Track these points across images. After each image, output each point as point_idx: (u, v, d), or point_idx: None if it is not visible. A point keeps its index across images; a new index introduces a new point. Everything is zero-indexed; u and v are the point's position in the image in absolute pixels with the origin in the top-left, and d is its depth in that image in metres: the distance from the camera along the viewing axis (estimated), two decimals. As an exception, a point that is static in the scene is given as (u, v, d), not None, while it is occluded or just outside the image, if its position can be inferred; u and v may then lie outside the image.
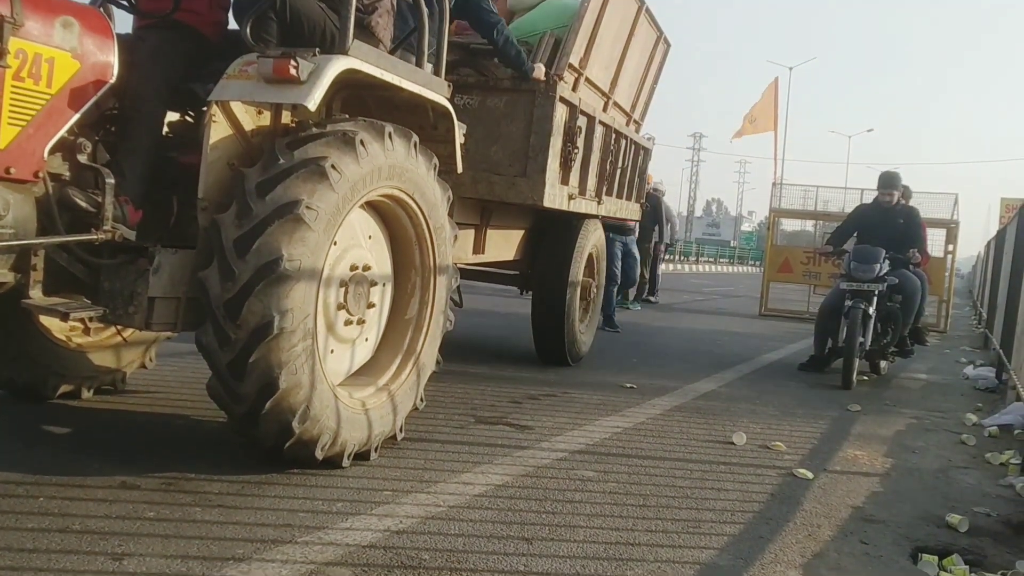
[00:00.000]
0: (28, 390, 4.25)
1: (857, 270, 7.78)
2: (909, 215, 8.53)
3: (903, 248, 8.12)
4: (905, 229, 8.29)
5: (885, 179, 8.57)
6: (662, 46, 8.34)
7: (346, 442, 3.67)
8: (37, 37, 3.28)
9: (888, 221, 8.32)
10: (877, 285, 7.75)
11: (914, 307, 8.37)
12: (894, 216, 8.37)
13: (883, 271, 7.80)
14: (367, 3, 4.16)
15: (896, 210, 8.44)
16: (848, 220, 9.00)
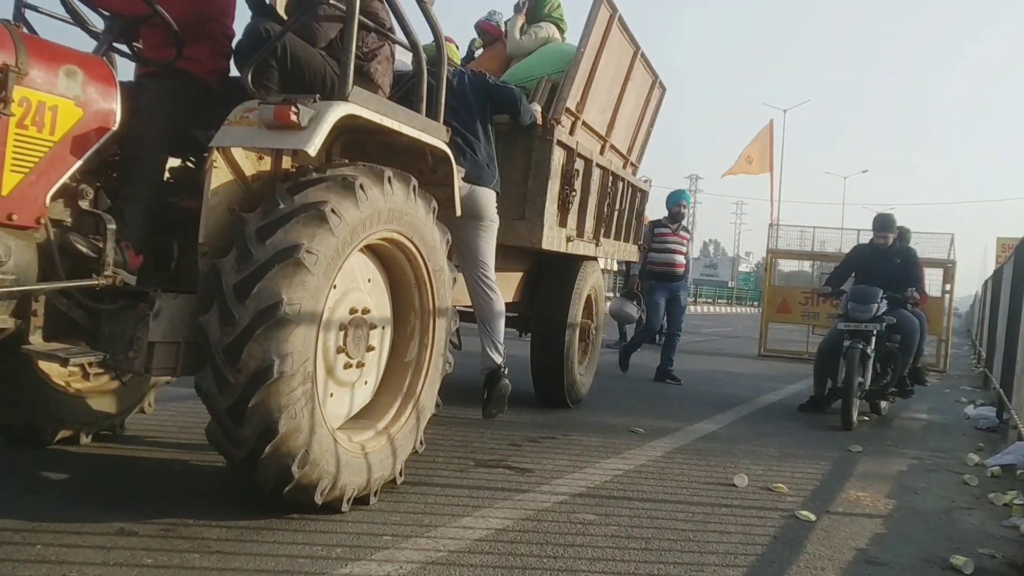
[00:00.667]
0: (26, 436, 4.24)
1: (854, 310, 7.74)
2: (906, 255, 8.55)
3: (901, 288, 8.09)
4: (903, 269, 8.27)
5: (880, 222, 8.57)
6: (657, 90, 8.44)
7: (345, 486, 3.65)
8: (41, 85, 3.33)
9: (885, 261, 8.31)
10: (875, 325, 7.70)
11: (913, 347, 8.32)
12: (891, 256, 8.37)
13: (880, 311, 7.76)
14: (366, 51, 4.22)
15: (893, 250, 8.45)
16: (845, 261, 8.97)
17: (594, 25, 6.14)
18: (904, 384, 8.56)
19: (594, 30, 6.16)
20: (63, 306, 3.51)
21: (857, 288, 8.09)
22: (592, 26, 6.12)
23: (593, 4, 6.15)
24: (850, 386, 7.39)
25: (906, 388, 8.63)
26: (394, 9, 4.18)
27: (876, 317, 7.72)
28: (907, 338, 8.21)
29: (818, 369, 8.30)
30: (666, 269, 10.09)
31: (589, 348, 7.68)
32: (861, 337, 7.64)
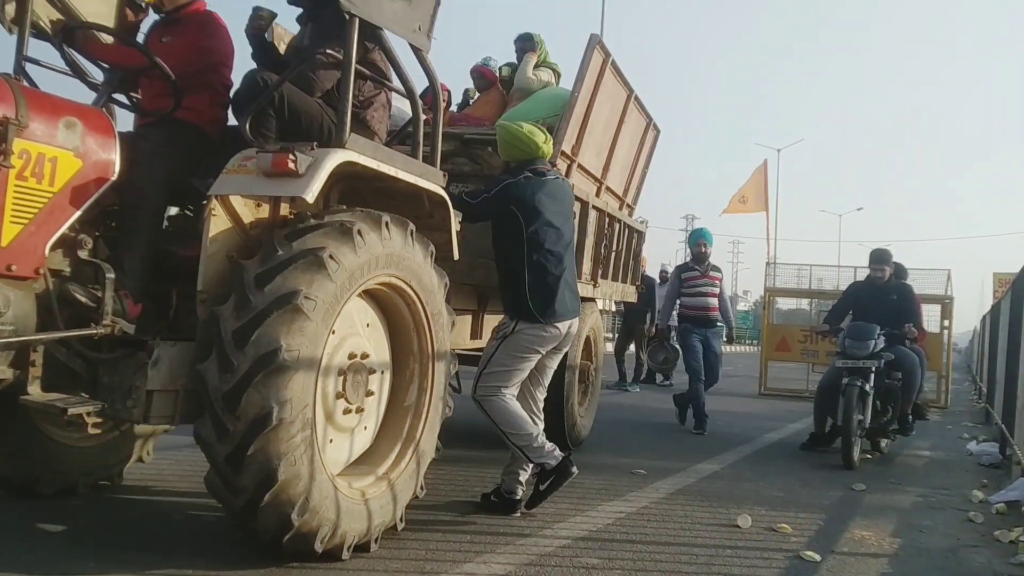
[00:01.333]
0: (24, 487, 4.21)
1: (852, 347, 7.70)
2: (903, 291, 8.49)
3: (899, 324, 8.02)
4: (899, 305, 8.24)
5: (876, 255, 8.56)
6: (652, 132, 8.52)
7: (346, 533, 3.62)
8: (41, 137, 3.37)
9: (882, 298, 8.27)
10: (873, 361, 7.65)
11: (914, 383, 8.23)
12: (888, 292, 8.33)
13: (878, 347, 7.70)
14: (363, 98, 4.27)
15: (890, 286, 8.41)
16: (842, 299, 8.93)
17: (588, 70, 6.21)
18: (905, 421, 8.43)
19: (588, 74, 6.23)
20: (62, 356, 3.51)
21: (854, 325, 8.04)
22: (586, 71, 6.20)
23: (587, 49, 6.23)
24: (849, 424, 7.30)
25: (907, 425, 8.50)
26: (390, 57, 4.24)
27: (874, 354, 7.66)
28: (907, 374, 8.14)
29: (818, 407, 8.21)
30: (699, 313, 9.41)
31: (589, 389, 7.66)
32: (860, 374, 7.56)
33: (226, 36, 4.29)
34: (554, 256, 4.80)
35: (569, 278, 4.93)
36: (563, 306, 4.83)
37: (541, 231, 4.77)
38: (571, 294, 4.93)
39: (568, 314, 4.89)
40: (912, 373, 8.17)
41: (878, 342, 7.70)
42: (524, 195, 4.77)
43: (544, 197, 4.82)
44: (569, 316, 4.90)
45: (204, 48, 4.17)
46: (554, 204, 4.87)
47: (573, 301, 4.95)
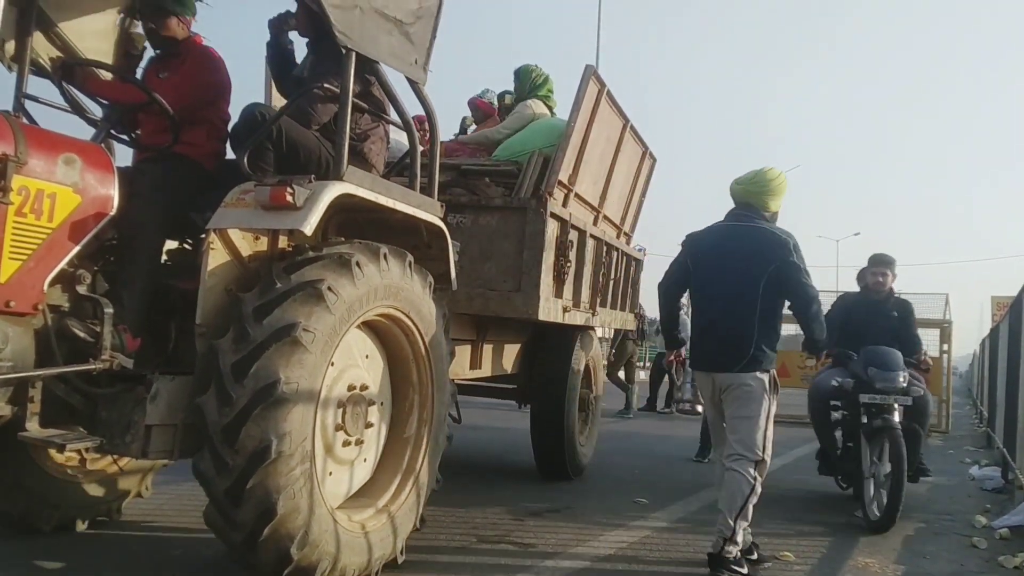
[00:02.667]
0: (23, 522, 4.18)
1: (879, 378, 6.15)
2: (904, 309, 7.02)
3: (900, 349, 6.60)
4: (901, 326, 6.83)
5: (877, 258, 7.05)
6: (648, 160, 8.56)
7: (346, 567, 3.59)
8: (40, 174, 3.38)
9: (881, 315, 6.81)
10: (906, 399, 6.14)
11: (928, 421, 6.78)
12: (888, 309, 6.87)
13: (906, 380, 6.24)
14: (360, 131, 4.29)
15: (890, 303, 6.95)
16: (831, 316, 6.74)
17: (583, 100, 6.25)
18: (920, 466, 6.79)
19: (583, 104, 6.27)
20: (60, 391, 3.50)
21: (875, 350, 6.39)
22: (581, 101, 6.24)
23: (582, 80, 6.28)
24: (901, 473, 5.81)
25: (922, 469, 6.90)
26: (387, 91, 4.27)
27: (905, 388, 6.19)
28: (921, 412, 6.51)
29: (819, 424, 6.92)
30: None
31: (589, 418, 7.63)
32: (887, 413, 6.08)
33: (223, 70, 4.33)
34: (704, 303, 4.82)
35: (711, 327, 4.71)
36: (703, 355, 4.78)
37: (698, 277, 4.85)
38: (719, 344, 4.65)
39: (707, 365, 4.75)
40: (926, 409, 6.66)
41: (906, 374, 6.30)
42: (694, 240, 4.95)
43: (715, 242, 4.81)
44: (707, 367, 4.74)
45: (202, 83, 4.21)
46: (719, 251, 4.75)
47: (721, 354, 4.63)
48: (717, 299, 4.71)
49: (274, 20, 4.46)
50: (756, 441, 4.49)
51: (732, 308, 4.62)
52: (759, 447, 4.49)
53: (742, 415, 4.56)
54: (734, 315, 4.60)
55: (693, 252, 4.90)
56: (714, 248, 4.79)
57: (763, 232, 4.72)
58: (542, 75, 7.14)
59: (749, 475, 4.44)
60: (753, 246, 4.66)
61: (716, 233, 4.87)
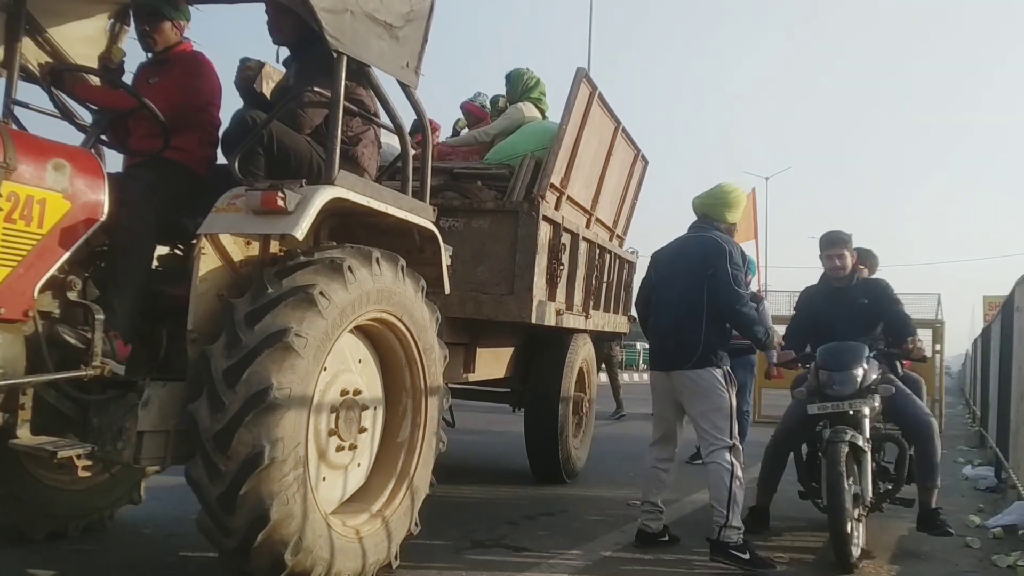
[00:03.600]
0: (14, 531, 4.15)
1: (831, 382, 5.03)
2: (875, 291, 5.69)
3: (887, 337, 5.61)
4: (874, 310, 5.58)
5: (829, 237, 5.73)
6: (640, 163, 8.57)
7: (340, 572, 3.58)
8: (29, 180, 3.37)
9: (845, 304, 5.60)
10: (864, 402, 4.94)
11: (923, 427, 5.37)
12: (853, 296, 5.62)
13: (871, 378, 5.07)
14: (352, 135, 4.29)
15: (855, 287, 5.68)
16: (796, 314, 6.09)
17: (575, 103, 6.25)
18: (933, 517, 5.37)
19: (575, 107, 6.28)
20: (51, 398, 3.48)
21: (827, 348, 5.26)
22: (573, 104, 6.24)
23: (573, 83, 6.28)
24: (838, 504, 4.56)
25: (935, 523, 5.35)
26: (378, 94, 4.26)
27: (864, 389, 5.00)
28: (904, 416, 5.38)
29: (767, 467, 5.77)
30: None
31: (583, 421, 7.63)
32: (847, 424, 4.89)
33: (213, 76, 4.32)
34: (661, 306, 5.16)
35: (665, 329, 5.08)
36: (660, 355, 5.11)
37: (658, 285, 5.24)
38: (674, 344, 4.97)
39: (664, 364, 5.06)
40: (912, 414, 5.37)
41: (869, 369, 5.12)
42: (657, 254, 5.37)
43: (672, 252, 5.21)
44: (664, 367, 5.05)
45: (192, 88, 4.19)
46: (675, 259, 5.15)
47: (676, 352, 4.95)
48: (671, 303, 5.08)
49: (238, 80, 4.42)
50: (725, 428, 4.82)
51: (683, 310, 4.97)
52: (728, 433, 4.82)
53: (706, 408, 4.87)
54: (685, 317, 4.95)
55: (656, 265, 5.36)
56: (671, 257, 5.22)
57: (708, 240, 5.07)
58: (533, 78, 7.16)
59: (726, 462, 4.77)
60: (700, 253, 5.03)
61: (675, 244, 5.31)
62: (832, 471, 4.62)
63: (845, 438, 4.73)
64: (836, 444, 4.70)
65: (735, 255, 4.97)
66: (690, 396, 4.92)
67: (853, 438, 4.77)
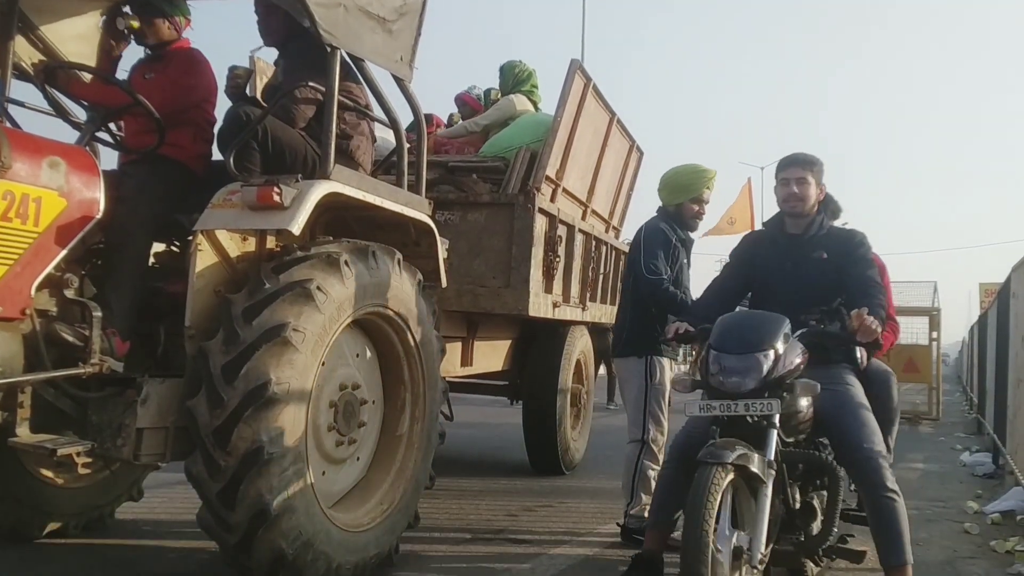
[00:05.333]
0: (15, 530, 4.15)
1: (720, 371, 3.33)
2: (843, 243, 3.87)
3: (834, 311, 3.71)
4: (833, 272, 3.79)
5: (786, 158, 3.97)
6: (635, 154, 8.57)
7: (341, 566, 3.59)
8: (24, 178, 3.36)
9: (796, 258, 3.89)
10: (768, 403, 3.19)
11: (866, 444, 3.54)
12: (810, 248, 3.88)
13: (786, 366, 3.32)
14: (346, 130, 4.28)
15: (816, 238, 3.89)
16: (729, 265, 4.22)
17: (569, 94, 6.25)
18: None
19: (569, 99, 6.28)
20: (50, 396, 3.48)
21: (728, 320, 3.58)
22: (567, 95, 6.24)
23: (568, 74, 6.28)
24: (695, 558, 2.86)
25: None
26: (372, 88, 4.26)
27: (772, 383, 3.26)
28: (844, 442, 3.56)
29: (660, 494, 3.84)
30: None
31: (581, 413, 7.65)
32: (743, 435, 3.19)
33: (209, 72, 4.30)
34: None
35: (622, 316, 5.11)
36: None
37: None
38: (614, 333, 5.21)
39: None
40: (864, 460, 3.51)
41: (787, 354, 3.35)
42: None
43: None
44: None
45: (187, 85, 4.18)
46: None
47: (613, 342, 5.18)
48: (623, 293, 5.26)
49: (227, 89, 4.40)
50: (637, 421, 4.82)
51: (621, 299, 5.24)
52: (640, 427, 4.79)
53: (627, 397, 4.97)
54: (620, 305, 5.19)
55: None
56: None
57: (639, 230, 5.07)
58: (526, 70, 7.15)
59: (634, 453, 4.79)
60: (633, 243, 5.11)
61: None
62: (692, 509, 2.91)
63: (726, 458, 2.98)
64: (706, 468, 2.97)
65: (652, 239, 4.88)
66: (620, 384, 5.09)
67: (742, 459, 3.00)
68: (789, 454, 3.37)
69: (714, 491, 2.92)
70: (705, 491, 2.91)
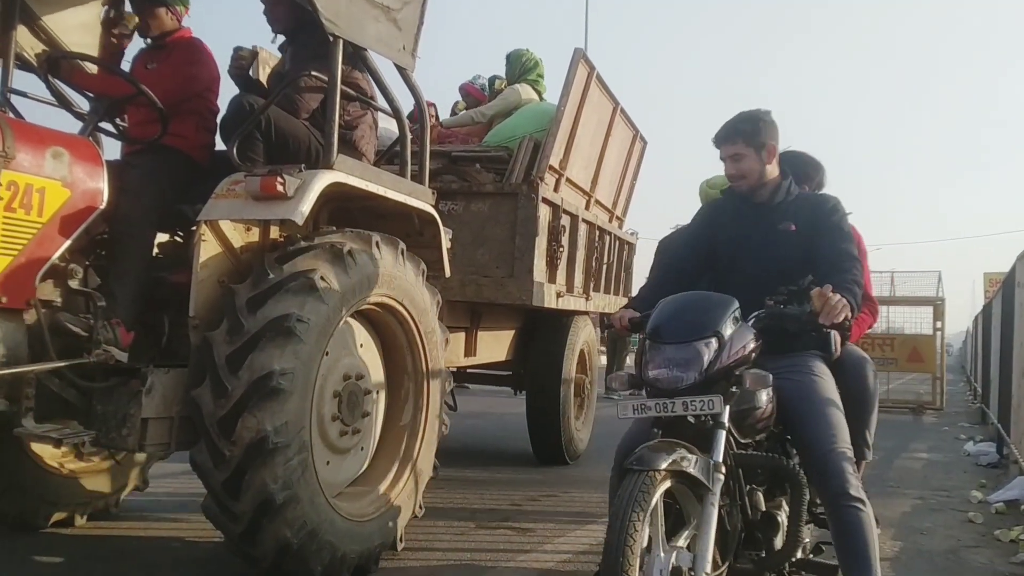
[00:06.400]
0: (21, 520, 4.16)
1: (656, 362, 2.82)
2: (810, 211, 3.35)
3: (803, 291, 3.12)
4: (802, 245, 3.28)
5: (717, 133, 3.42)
6: (639, 144, 8.55)
7: (345, 555, 3.60)
8: (28, 168, 3.36)
9: (760, 230, 3.37)
10: (710, 400, 2.68)
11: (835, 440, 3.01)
12: (777, 217, 3.36)
13: (731, 356, 2.80)
14: (349, 119, 4.28)
15: (783, 206, 3.38)
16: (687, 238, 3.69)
17: (573, 83, 6.23)
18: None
19: (573, 88, 6.26)
20: (55, 386, 3.49)
21: (669, 305, 2.98)
22: (571, 84, 6.22)
23: (571, 63, 6.26)
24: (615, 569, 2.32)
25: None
26: (375, 78, 4.25)
27: (715, 375, 2.76)
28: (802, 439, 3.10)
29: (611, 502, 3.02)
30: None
31: (585, 403, 7.65)
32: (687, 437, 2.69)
33: (211, 62, 4.30)
34: None
35: None
36: None
37: None
38: None
39: None
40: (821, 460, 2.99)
41: (733, 339, 2.84)
42: None
43: None
44: None
45: (190, 75, 4.18)
46: None
47: None
48: None
49: (231, 70, 4.38)
50: None
51: None
52: None
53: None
54: None
55: None
56: None
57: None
58: (532, 59, 7.14)
59: None
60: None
61: None
62: (611, 526, 2.42)
63: (657, 463, 2.47)
64: (632, 476, 2.49)
65: None
66: None
67: (678, 463, 2.52)
68: (745, 457, 2.86)
69: (641, 503, 2.38)
70: (629, 504, 2.38)
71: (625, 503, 2.39)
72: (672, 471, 2.50)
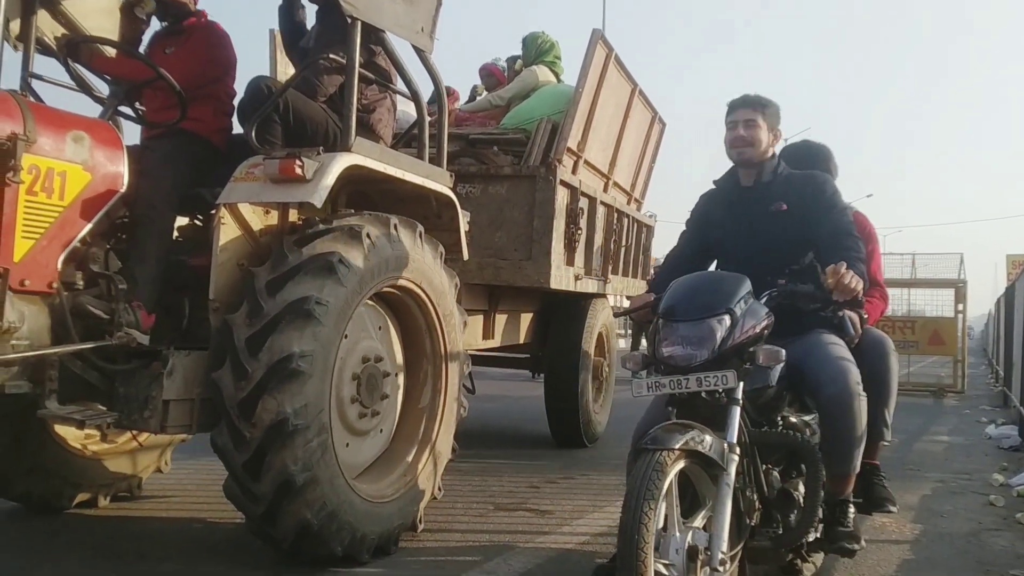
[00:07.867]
0: (44, 502, 4.22)
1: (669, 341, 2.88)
2: (801, 189, 3.39)
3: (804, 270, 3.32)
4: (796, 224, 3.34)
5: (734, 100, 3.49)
6: (657, 125, 8.50)
7: (365, 536, 3.63)
8: (49, 152, 3.38)
9: (754, 213, 3.43)
10: (724, 376, 2.72)
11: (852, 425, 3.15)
12: (767, 199, 3.42)
13: (743, 333, 2.84)
14: (367, 102, 4.27)
15: (772, 187, 3.43)
16: (685, 231, 3.79)
17: (591, 65, 6.20)
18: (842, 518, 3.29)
19: (591, 70, 6.22)
20: (77, 368, 3.52)
21: (680, 284, 3.05)
22: (589, 66, 6.19)
23: (589, 45, 6.22)
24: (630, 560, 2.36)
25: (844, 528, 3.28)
26: (394, 60, 4.24)
27: (728, 352, 2.79)
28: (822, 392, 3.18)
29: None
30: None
31: (603, 386, 7.65)
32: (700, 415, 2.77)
33: (229, 46, 4.31)
34: None
35: None
36: None
37: None
38: None
39: None
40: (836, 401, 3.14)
41: (745, 317, 2.86)
42: None
43: None
44: None
45: (208, 59, 4.19)
46: None
47: None
48: None
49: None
50: None
51: None
52: None
53: None
54: None
55: None
56: None
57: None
58: (548, 41, 7.10)
59: None
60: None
61: None
62: (626, 506, 2.44)
63: (672, 442, 2.52)
64: (646, 455, 2.51)
65: None
66: None
67: (692, 442, 2.56)
68: (761, 435, 2.94)
69: (655, 482, 2.42)
70: (643, 484, 2.42)
71: (639, 483, 2.44)
72: (686, 451, 2.55)
